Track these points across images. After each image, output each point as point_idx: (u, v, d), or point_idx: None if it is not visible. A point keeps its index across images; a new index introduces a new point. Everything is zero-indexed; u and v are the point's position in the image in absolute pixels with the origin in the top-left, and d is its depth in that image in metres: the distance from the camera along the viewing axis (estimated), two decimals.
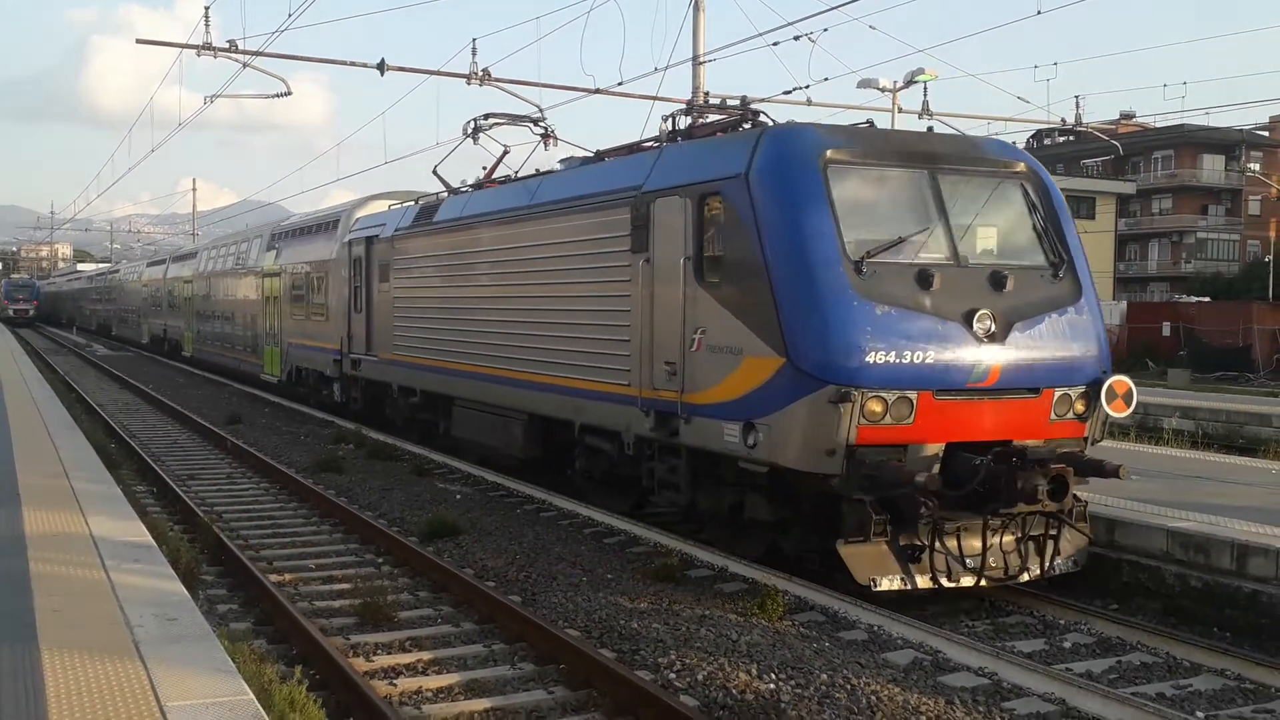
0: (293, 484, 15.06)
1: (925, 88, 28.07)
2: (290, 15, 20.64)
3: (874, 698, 7.13)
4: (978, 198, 10.31)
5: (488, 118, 18.59)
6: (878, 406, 8.99)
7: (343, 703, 7.05)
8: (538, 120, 19.28)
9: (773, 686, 7.33)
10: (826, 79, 65.84)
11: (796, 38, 20.18)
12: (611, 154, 13.97)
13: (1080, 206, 54.71)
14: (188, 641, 5.40)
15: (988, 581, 9.43)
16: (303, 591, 9.86)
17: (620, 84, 21.73)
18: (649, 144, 13.14)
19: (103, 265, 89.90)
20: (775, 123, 11.24)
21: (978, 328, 9.34)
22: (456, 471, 15.99)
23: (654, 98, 23.21)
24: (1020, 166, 10.62)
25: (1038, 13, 17.70)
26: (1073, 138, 62.80)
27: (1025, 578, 9.57)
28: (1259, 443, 21.15)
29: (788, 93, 23.07)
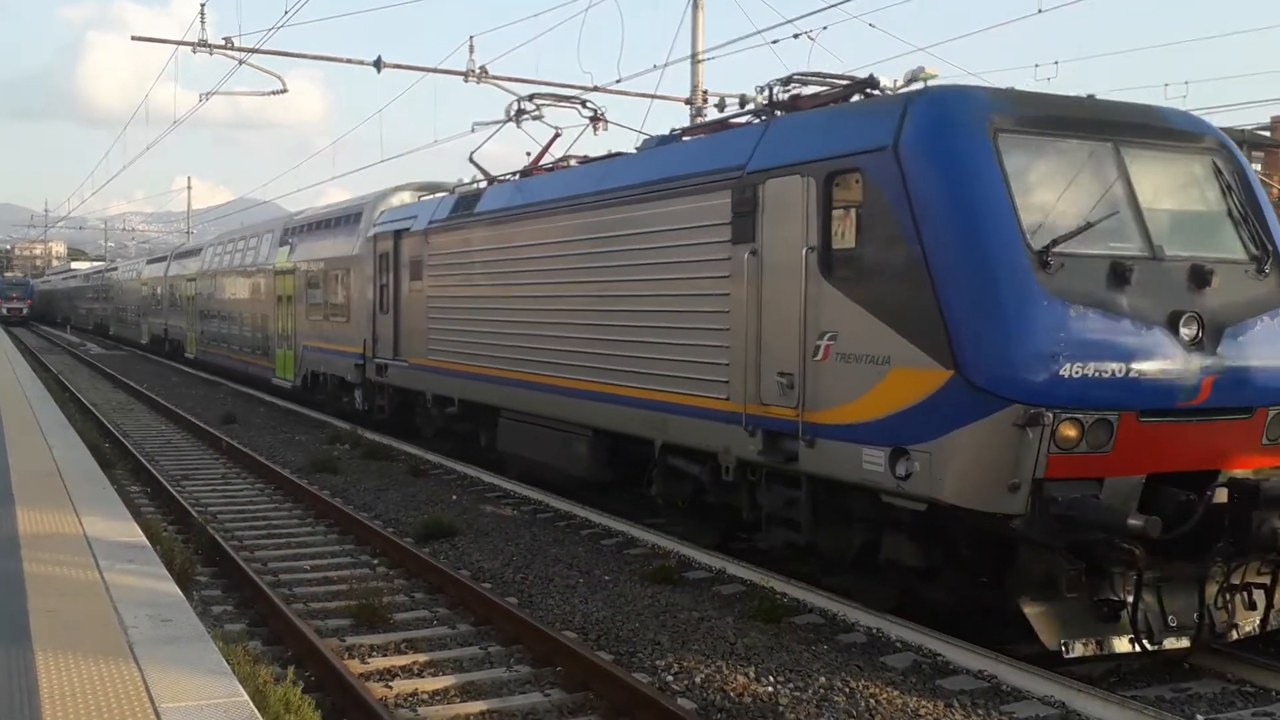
0: (288, 484, 15.02)
1: (926, 86, 28.03)
2: (286, 12, 20.67)
3: (873, 701, 7.12)
4: (1168, 176, 8.70)
5: (532, 98, 17.22)
6: (1072, 431, 7.44)
7: (338, 705, 7.02)
8: (585, 101, 18.04)
9: (771, 689, 7.31)
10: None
11: (796, 36, 20.12)
12: (692, 133, 12.38)
13: None
14: (182, 643, 5.36)
15: (1192, 642, 7.91)
16: (298, 593, 9.82)
17: (618, 81, 21.69)
18: (739, 120, 11.56)
19: (98, 263, 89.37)
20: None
21: (1184, 333, 7.77)
22: (452, 472, 15.95)
23: (652, 95, 23.18)
24: (1210, 140, 8.99)
25: (1038, 11, 17.66)
26: None
27: (1235, 636, 8.04)
28: None
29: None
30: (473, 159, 17.87)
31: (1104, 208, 8.08)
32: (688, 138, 12.22)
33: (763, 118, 10.74)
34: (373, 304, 19.69)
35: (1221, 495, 7.75)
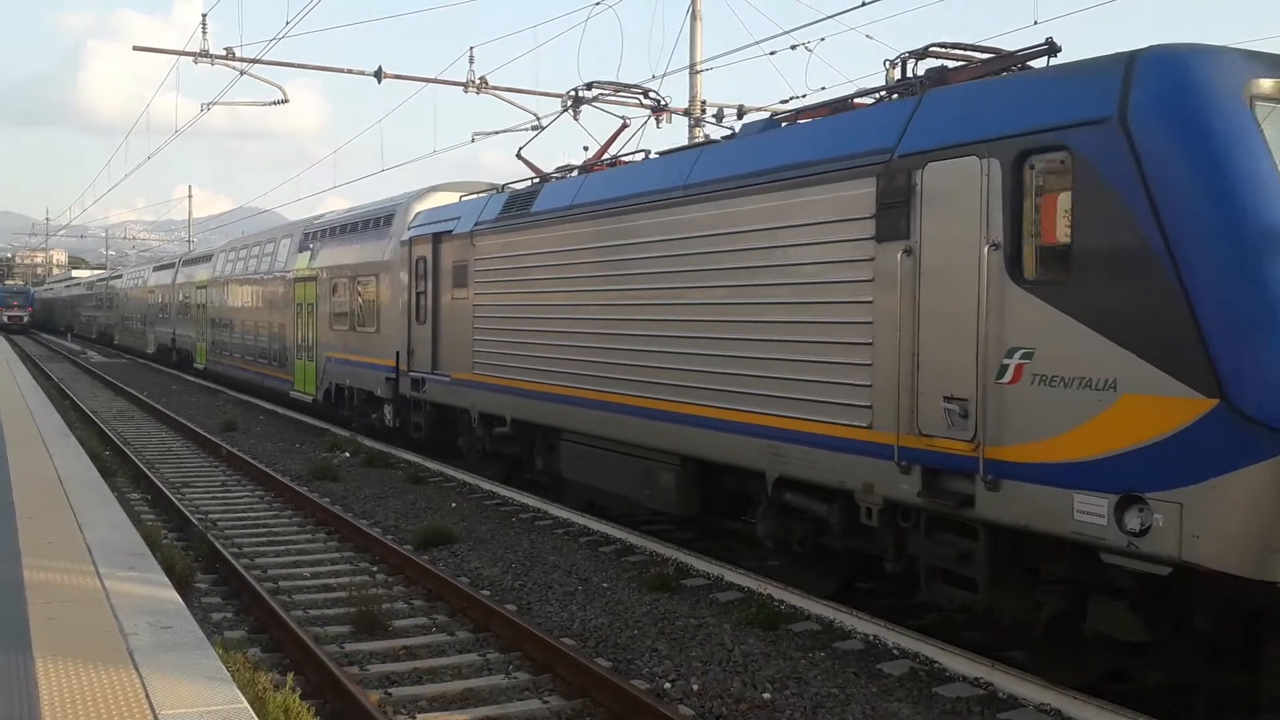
0: (288, 492, 15.04)
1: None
2: (288, 23, 20.75)
3: (869, 708, 7.14)
4: None
5: (590, 87, 15.93)
6: None
7: (337, 712, 7.04)
8: (649, 90, 16.88)
9: (768, 696, 7.35)
10: (824, 88, 65.89)
11: (793, 47, 20.21)
12: (810, 114, 10.62)
13: None
14: (182, 649, 5.38)
15: None
16: (297, 600, 9.85)
17: (616, 92, 21.73)
18: (860, 100, 10.09)
19: (101, 270, 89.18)
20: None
21: None
22: (452, 480, 15.98)
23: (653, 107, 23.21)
24: None
25: (1034, 23, 17.80)
26: None
27: None
28: None
29: (784, 102, 23.12)
30: (521, 155, 16.61)
31: None
32: (803, 120, 10.52)
33: (895, 96, 9.14)
34: (407, 313, 18.03)
35: None
